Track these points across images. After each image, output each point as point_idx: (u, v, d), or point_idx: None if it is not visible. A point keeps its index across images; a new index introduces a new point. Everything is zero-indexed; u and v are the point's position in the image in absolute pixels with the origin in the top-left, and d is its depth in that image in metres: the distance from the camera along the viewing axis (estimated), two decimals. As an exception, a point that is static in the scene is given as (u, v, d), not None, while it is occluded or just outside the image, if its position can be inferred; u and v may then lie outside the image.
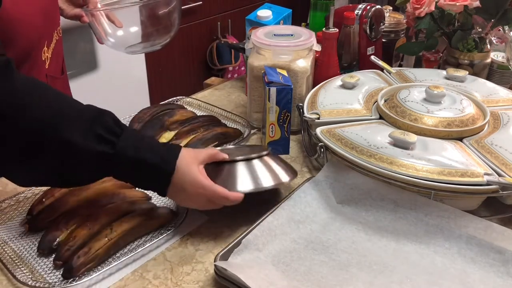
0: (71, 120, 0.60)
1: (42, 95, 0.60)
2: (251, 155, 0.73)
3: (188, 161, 0.65)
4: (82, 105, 0.63)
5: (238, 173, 0.71)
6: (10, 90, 0.57)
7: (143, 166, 0.63)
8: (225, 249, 0.63)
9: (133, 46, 1.02)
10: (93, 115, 0.62)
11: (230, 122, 1.01)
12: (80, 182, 0.66)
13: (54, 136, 0.58)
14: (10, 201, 0.75)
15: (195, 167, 0.66)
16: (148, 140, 0.65)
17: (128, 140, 0.62)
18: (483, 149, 0.75)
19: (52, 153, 0.59)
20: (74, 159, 0.60)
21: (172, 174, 0.64)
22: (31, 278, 0.61)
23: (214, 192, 0.66)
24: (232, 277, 0.58)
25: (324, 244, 0.67)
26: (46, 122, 0.58)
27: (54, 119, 0.59)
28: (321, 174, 0.76)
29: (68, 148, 0.59)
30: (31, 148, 0.59)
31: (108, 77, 1.91)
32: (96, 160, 0.61)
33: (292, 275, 0.62)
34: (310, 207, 0.73)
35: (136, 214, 0.69)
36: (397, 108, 0.82)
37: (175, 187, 0.65)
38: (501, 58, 1.10)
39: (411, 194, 0.70)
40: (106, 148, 0.61)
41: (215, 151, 0.70)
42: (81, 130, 0.60)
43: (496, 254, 0.64)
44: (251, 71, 0.96)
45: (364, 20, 1.09)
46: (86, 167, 0.62)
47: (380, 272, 0.63)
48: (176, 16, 0.98)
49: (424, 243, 0.67)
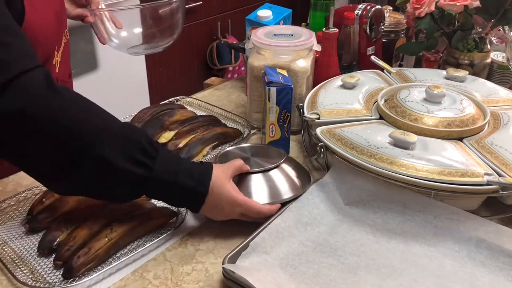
0: (112, 138, 0.62)
1: (86, 111, 0.62)
2: (270, 165, 0.75)
3: (221, 180, 0.68)
4: (120, 123, 0.65)
5: (259, 184, 0.73)
6: (63, 107, 0.59)
7: (178, 190, 0.65)
8: (233, 251, 0.63)
9: (135, 47, 1.02)
10: (129, 134, 0.63)
11: (230, 122, 1.01)
12: (115, 199, 0.67)
13: (94, 153, 0.60)
14: (10, 201, 0.75)
15: (228, 185, 0.68)
16: (184, 162, 0.67)
17: (164, 164, 0.64)
18: (483, 149, 0.75)
19: (91, 168, 0.60)
20: (111, 177, 0.62)
21: (206, 195, 0.66)
22: (31, 278, 0.61)
23: (249, 208, 0.68)
24: (241, 280, 0.58)
25: (332, 246, 0.67)
26: (90, 139, 0.60)
27: (98, 136, 0.60)
28: (328, 176, 0.76)
29: (106, 165, 0.60)
30: (74, 161, 0.60)
31: (108, 77, 1.91)
32: (131, 181, 0.63)
33: (300, 278, 0.62)
34: (318, 209, 0.72)
35: (136, 214, 0.69)
36: (397, 108, 0.82)
37: (209, 205, 0.68)
38: (501, 58, 1.10)
39: (420, 196, 0.70)
40: (141, 170, 0.62)
41: (240, 163, 0.73)
42: (119, 150, 0.61)
43: (507, 258, 0.63)
44: (251, 71, 0.96)
45: (364, 20, 1.09)
46: (121, 186, 0.63)
47: (388, 275, 0.62)
48: (180, 16, 0.98)
49: (433, 246, 0.67)
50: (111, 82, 1.93)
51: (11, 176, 0.84)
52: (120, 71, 1.96)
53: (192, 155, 0.85)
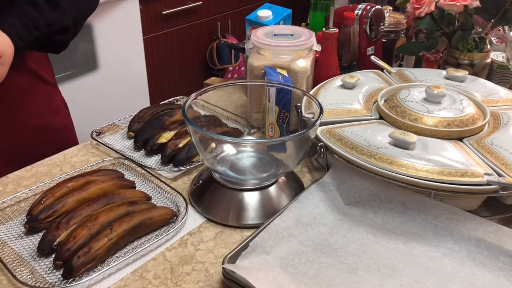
0: None
1: None
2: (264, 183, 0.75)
3: None
4: None
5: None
6: None
7: None
8: (233, 251, 0.63)
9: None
10: None
11: (231, 122, 1.01)
12: None
13: None
14: (10, 201, 0.75)
15: None
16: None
17: None
18: (483, 149, 0.75)
19: None
20: None
21: None
22: (31, 278, 0.61)
23: None
24: (241, 280, 0.57)
25: (332, 246, 0.67)
26: None
27: None
28: (328, 176, 0.76)
29: None
30: None
31: (108, 77, 1.92)
32: None
33: (301, 278, 0.62)
34: (318, 209, 0.72)
35: (136, 214, 0.69)
36: (397, 108, 0.82)
37: None
38: (501, 58, 1.10)
39: (420, 196, 0.70)
40: None
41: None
42: None
43: (507, 258, 0.63)
44: (251, 71, 0.96)
45: (364, 20, 1.09)
46: None
47: (388, 276, 0.62)
48: None
49: (433, 246, 0.67)
50: (111, 82, 1.93)
51: (11, 176, 0.84)
52: (120, 71, 1.97)
53: (192, 155, 0.85)
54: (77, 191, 0.72)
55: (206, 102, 1.05)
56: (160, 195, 0.78)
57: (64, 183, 0.74)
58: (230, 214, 0.72)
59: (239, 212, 0.72)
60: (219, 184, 0.76)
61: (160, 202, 0.77)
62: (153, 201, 0.77)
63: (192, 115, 0.75)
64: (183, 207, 0.74)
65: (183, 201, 0.75)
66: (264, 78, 0.86)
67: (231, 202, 0.73)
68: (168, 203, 0.76)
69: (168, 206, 0.75)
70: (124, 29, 1.96)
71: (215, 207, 0.74)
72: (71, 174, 0.81)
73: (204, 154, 0.74)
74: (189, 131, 0.72)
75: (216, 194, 0.75)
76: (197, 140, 0.72)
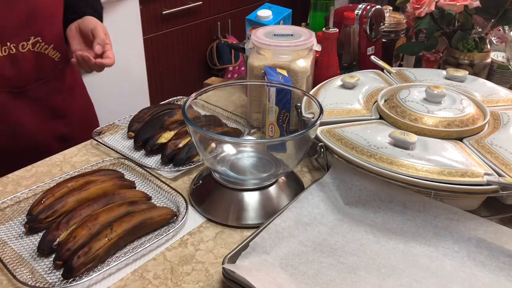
0: None
1: None
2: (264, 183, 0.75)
3: None
4: None
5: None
6: None
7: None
8: (233, 251, 0.63)
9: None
10: None
11: (231, 122, 1.01)
12: None
13: None
14: (10, 201, 0.75)
15: None
16: None
17: None
18: (483, 149, 0.75)
19: None
20: None
21: None
22: (31, 278, 0.61)
23: None
24: (241, 280, 0.57)
25: (332, 246, 0.67)
26: None
27: None
28: (328, 176, 0.76)
29: None
30: None
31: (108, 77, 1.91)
32: None
33: (301, 278, 0.62)
34: (318, 208, 0.72)
35: (136, 214, 0.69)
36: (397, 108, 0.82)
37: None
38: (501, 58, 1.10)
39: (420, 196, 0.70)
40: None
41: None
42: None
43: (507, 258, 0.63)
44: (251, 71, 0.96)
45: (364, 20, 1.09)
46: None
47: (388, 275, 0.62)
48: None
49: (433, 246, 0.67)
50: (111, 82, 1.93)
51: (11, 176, 0.84)
52: (120, 71, 1.96)
53: (192, 155, 0.85)
54: (77, 191, 0.72)
55: (206, 102, 1.05)
56: (160, 195, 0.78)
57: (64, 183, 0.74)
58: (230, 214, 0.73)
59: (239, 212, 0.72)
60: (219, 184, 0.76)
61: (160, 202, 0.77)
62: (153, 201, 0.77)
63: (192, 115, 0.75)
64: (183, 207, 0.74)
65: (183, 201, 0.75)
66: (264, 78, 0.86)
67: (231, 202, 0.74)
68: (168, 203, 0.76)
69: (168, 206, 0.75)
70: (124, 29, 1.96)
71: (215, 207, 0.74)
72: (71, 174, 0.81)
73: (204, 154, 0.74)
74: (189, 131, 0.72)
75: (216, 194, 0.75)
76: (197, 140, 0.72)
